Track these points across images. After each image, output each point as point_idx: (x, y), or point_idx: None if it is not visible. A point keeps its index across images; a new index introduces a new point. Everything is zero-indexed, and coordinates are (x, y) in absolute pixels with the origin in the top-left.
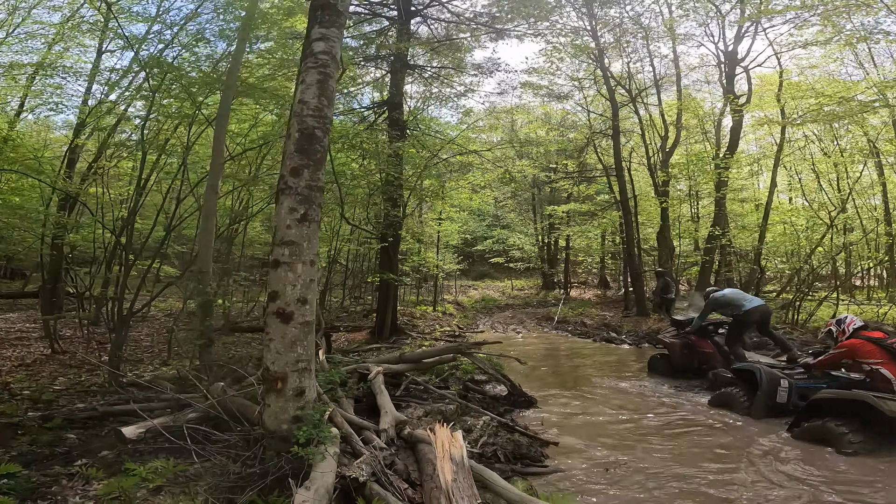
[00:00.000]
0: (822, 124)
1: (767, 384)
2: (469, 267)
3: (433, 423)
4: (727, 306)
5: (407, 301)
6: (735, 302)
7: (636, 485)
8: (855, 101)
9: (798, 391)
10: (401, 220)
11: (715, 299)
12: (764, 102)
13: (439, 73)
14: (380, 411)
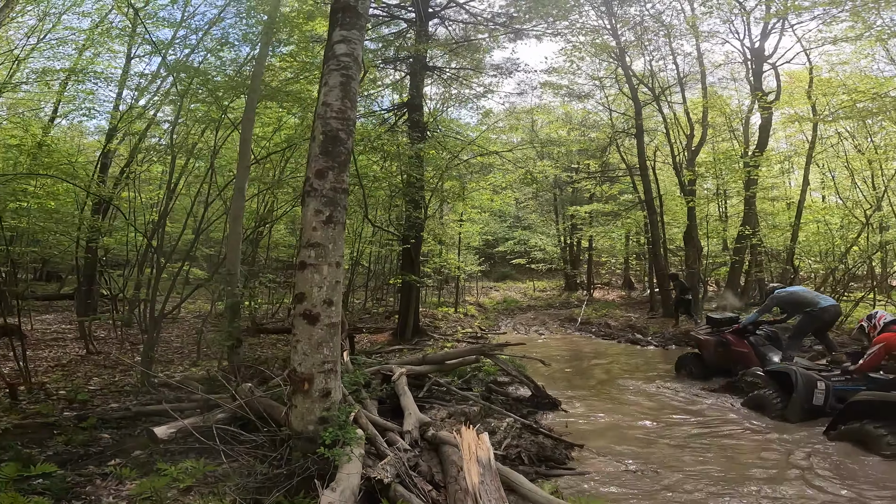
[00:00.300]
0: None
1: (804, 386)
2: (490, 268)
3: (457, 425)
4: (798, 304)
5: (429, 303)
6: (807, 299)
7: (666, 489)
8: (888, 97)
9: (836, 393)
10: (422, 222)
11: (780, 297)
12: (794, 99)
13: (458, 74)
14: (403, 413)
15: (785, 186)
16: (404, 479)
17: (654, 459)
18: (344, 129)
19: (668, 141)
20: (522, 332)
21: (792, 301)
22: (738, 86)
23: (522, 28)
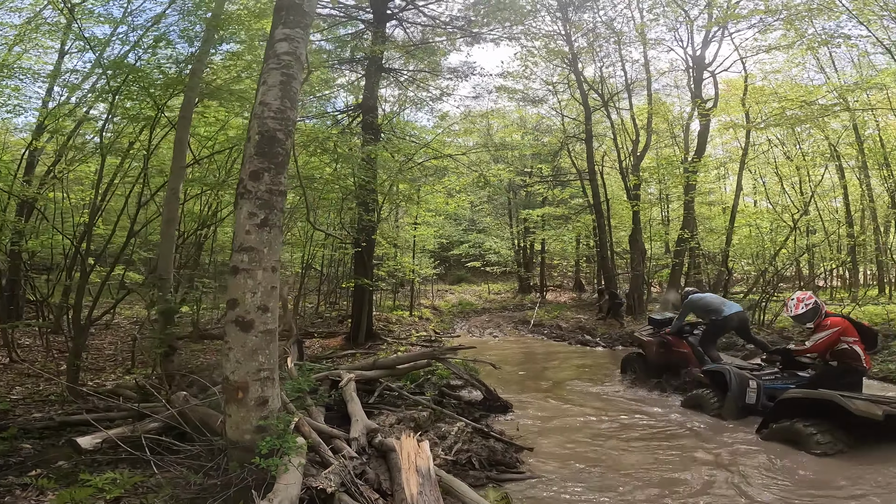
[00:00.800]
0: (784, 128)
1: (737, 385)
2: (446, 271)
3: (406, 431)
4: (705, 310)
5: (383, 306)
6: (713, 307)
7: (610, 490)
8: (816, 105)
9: (766, 392)
10: (375, 225)
11: (693, 302)
12: (730, 107)
13: (415, 76)
14: (351, 419)
15: (721, 191)
16: (350, 487)
17: (601, 461)
18: (282, 129)
19: (616, 146)
20: (477, 335)
21: (702, 307)
22: (680, 93)
23: (480, 32)
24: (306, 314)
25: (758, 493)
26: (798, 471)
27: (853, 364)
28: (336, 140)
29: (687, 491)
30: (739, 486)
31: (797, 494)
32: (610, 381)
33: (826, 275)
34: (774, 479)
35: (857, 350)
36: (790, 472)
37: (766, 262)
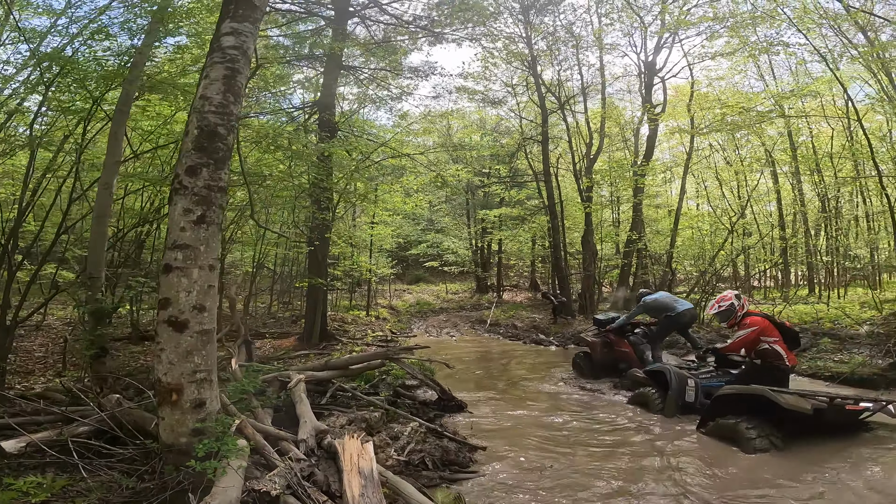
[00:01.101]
0: (725, 134)
1: (677, 384)
2: (404, 271)
3: (350, 432)
4: (660, 309)
5: (339, 306)
6: (667, 305)
7: (559, 487)
8: (754, 111)
9: (703, 390)
10: (329, 224)
11: (647, 304)
12: (677, 112)
13: (375, 74)
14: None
15: (667, 194)
16: (297, 489)
17: (553, 458)
18: (224, 124)
19: (570, 149)
20: (434, 335)
21: (656, 306)
22: (632, 98)
23: (443, 32)
24: (258, 314)
25: (697, 490)
26: (730, 468)
27: (775, 362)
28: (290, 137)
29: (633, 490)
30: (678, 481)
31: (730, 492)
32: (562, 379)
33: (760, 275)
34: (710, 477)
35: (779, 349)
36: (725, 469)
37: (706, 263)
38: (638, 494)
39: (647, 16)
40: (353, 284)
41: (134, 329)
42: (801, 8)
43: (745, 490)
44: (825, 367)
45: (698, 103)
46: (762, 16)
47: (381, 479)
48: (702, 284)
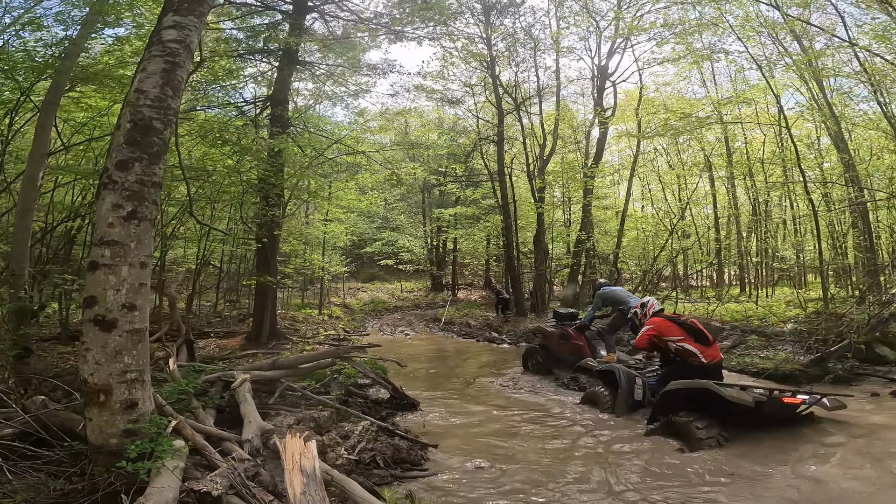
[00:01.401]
0: (668, 138)
1: (626, 383)
2: (358, 269)
3: (292, 431)
4: (616, 301)
5: (290, 304)
6: (622, 299)
7: (508, 484)
8: (695, 117)
9: (651, 388)
10: (279, 221)
11: (605, 293)
12: (626, 116)
13: (332, 71)
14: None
15: (615, 196)
16: (241, 490)
17: (503, 456)
18: (160, 118)
19: (525, 149)
20: (388, 333)
21: (612, 298)
22: (585, 101)
23: (403, 30)
24: (202, 313)
25: (639, 488)
26: (681, 467)
27: (689, 360)
28: (237, 131)
29: (577, 490)
30: (621, 479)
31: (673, 490)
32: (513, 376)
33: (697, 275)
34: (653, 476)
35: (689, 347)
36: (669, 467)
37: (649, 263)
38: (581, 492)
39: (602, 21)
40: (306, 282)
41: (63, 329)
42: (744, 16)
43: (688, 489)
44: (752, 363)
45: (645, 108)
46: (707, 23)
47: (327, 477)
48: (645, 283)
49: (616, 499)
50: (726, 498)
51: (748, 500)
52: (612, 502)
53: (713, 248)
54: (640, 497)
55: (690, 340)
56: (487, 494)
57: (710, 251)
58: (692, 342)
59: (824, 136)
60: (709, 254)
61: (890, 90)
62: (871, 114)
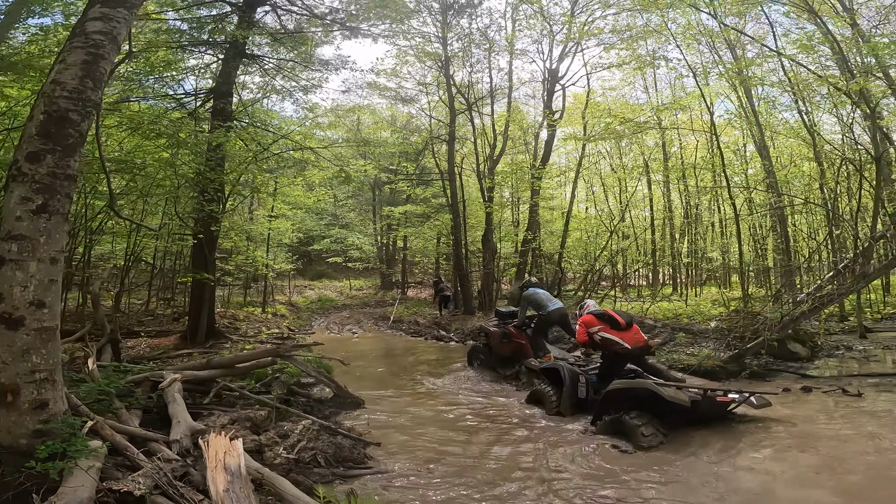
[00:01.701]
0: (610, 142)
1: (570, 381)
2: (305, 266)
3: (216, 430)
4: (536, 305)
5: (232, 303)
6: (542, 303)
7: (450, 481)
8: (635, 122)
9: (593, 386)
10: (218, 216)
11: (528, 296)
12: (573, 119)
13: (282, 65)
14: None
15: (561, 197)
16: (167, 489)
17: (446, 453)
18: (78, 110)
19: (475, 149)
20: (336, 332)
21: (534, 301)
22: (535, 103)
23: (359, 26)
24: (133, 312)
25: (576, 486)
26: (622, 467)
27: (612, 348)
28: (173, 124)
29: (524, 486)
30: (558, 477)
31: (607, 489)
32: (460, 374)
33: (634, 275)
34: (585, 476)
35: (608, 336)
36: (606, 466)
37: (590, 263)
38: (523, 489)
39: (555, 25)
40: (248, 280)
41: None
42: (686, 23)
43: (623, 490)
44: (679, 360)
45: (591, 112)
46: (652, 31)
47: (257, 475)
48: (586, 283)
49: (557, 497)
50: (659, 495)
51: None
52: (552, 500)
53: (649, 249)
54: (581, 498)
55: (607, 328)
56: (430, 490)
57: (647, 252)
58: (608, 329)
59: (750, 144)
60: (645, 254)
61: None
62: (792, 123)
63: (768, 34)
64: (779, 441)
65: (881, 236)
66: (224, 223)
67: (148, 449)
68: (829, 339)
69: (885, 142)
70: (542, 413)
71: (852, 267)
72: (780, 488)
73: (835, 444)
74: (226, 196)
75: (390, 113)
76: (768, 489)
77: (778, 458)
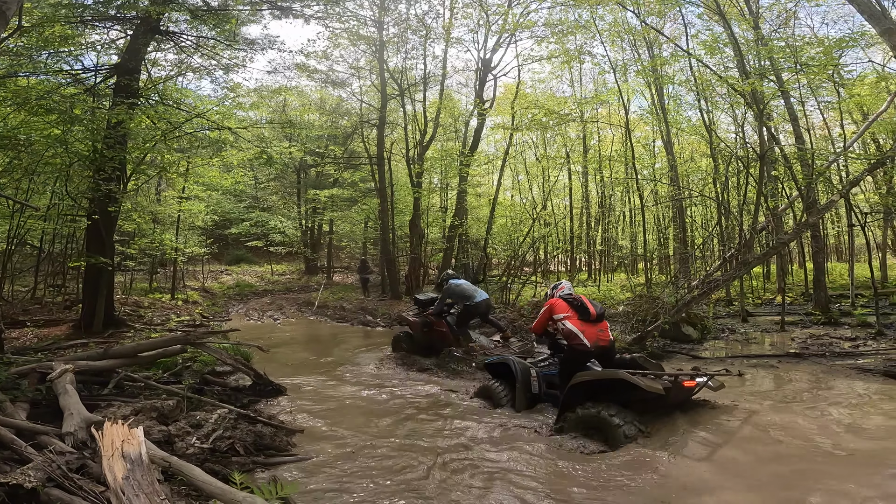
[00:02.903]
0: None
1: (522, 376)
2: (222, 251)
3: (111, 419)
4: (461, 296)
5: (135, 289)
6: (467, 294)
7: (375, 466)
8: (559, 114)
9: (544, 379)
10: (117, 196)
11: (450, 288)
12: (503, 109)
13: (201, 43)
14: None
15: (488, 185)
16: (62, 482)
17: (371, 439)
18: None
19: (406, 135)
20: (256, 319)
21: (457, 293)
22: (467, 91)
23: (291, 6)
24: (16, 299)
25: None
26: (578, 469)
27: (573, 343)
28: (65, 100)
29: (439, 478)
30: (478, 461)
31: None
32: (385, 361)
33: (554, 261)
34: (520, 474)
35: (571, 327)
36: (566, 472)
37: (514, 249)
38: (448, 478)
39: (492, 15)
40: (155, 265)
41: None
42: (613, 21)
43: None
44: None
45: (520, 102)
46: (581, 26)
47: (164, 464)
48: (511, 268)
49: (479, 481)
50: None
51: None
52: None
53: (568, 237)
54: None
55: (574, 318)
56: (354, 478)
57: (565, 239)
58: (575, 320)
59: (659, 139)
60: (564, 241)
61: (712, 99)
62: (694, 120)
63: (683, 34)
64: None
65: (762, 228)
66: (126, 204)
67: (38, 442)
68: (717, 323)
69: (770, 141)
70: (447, 392)
71: (737, 255)
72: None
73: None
74: (127, 176)
75: (319, 96)
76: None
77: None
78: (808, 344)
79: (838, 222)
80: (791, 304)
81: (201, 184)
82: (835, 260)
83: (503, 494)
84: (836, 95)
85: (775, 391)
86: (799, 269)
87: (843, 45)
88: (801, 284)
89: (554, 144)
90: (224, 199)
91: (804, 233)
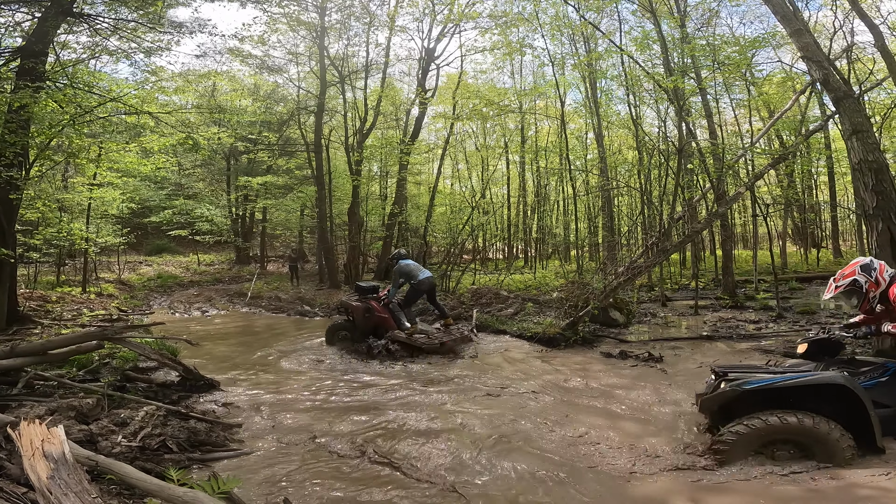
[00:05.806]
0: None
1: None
2: (140, 241)
3: (28, 419)
4: (407, 275)
5: (41, 282)
6: (412, 273)
7: (314, 460)
8: (499, 105)
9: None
10: (18, 183)
11: (400, 268)
12: (444, 99)
13: (120, 25)
14: None
15: (429, 173)
16: None
17: (311, 432)
18: None
19: (345, 122)
20: (182, 312)
21: (405, 272)
22: (410, 80)
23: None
24: None
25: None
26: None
27: None
28: None
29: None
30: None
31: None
32: (323, 351)
33: (492, 248)
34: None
35: None
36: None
37: (454, 237)
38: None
39: (438, 4)
40: (63, 256)
41: None
42: (555, 14)
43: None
44: (528, 328)
45: (462, 93)
46: (524, 19)
47: (90, 463)
48: (449, 256)
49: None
50: None
51: None
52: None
53: (506, 225)
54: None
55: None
56: (294, 471)
57: (503, 227)
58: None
59: (591, 132)
60: (502, 230)
61: (639, 94)
62: (623, 114)
63: (618, 31)
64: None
65: (679, 217)
66: (28, 192)
67: None
68: (640, 307)
69: (688, 135)
70: (406, 385)
71: (657, 243)
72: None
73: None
74: (30, 161)
75: (253, 81)
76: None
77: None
78: (718, 327)
79: (744, 213)
80: (703, 289)
81: (116, 170)
82: (741, 248)
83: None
84: (748, 93)
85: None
86: (710, 255)
87: (757, 45)
88: (712, 270)
89: (493, 134)
90: (143, 186)
91: (715, 222)
